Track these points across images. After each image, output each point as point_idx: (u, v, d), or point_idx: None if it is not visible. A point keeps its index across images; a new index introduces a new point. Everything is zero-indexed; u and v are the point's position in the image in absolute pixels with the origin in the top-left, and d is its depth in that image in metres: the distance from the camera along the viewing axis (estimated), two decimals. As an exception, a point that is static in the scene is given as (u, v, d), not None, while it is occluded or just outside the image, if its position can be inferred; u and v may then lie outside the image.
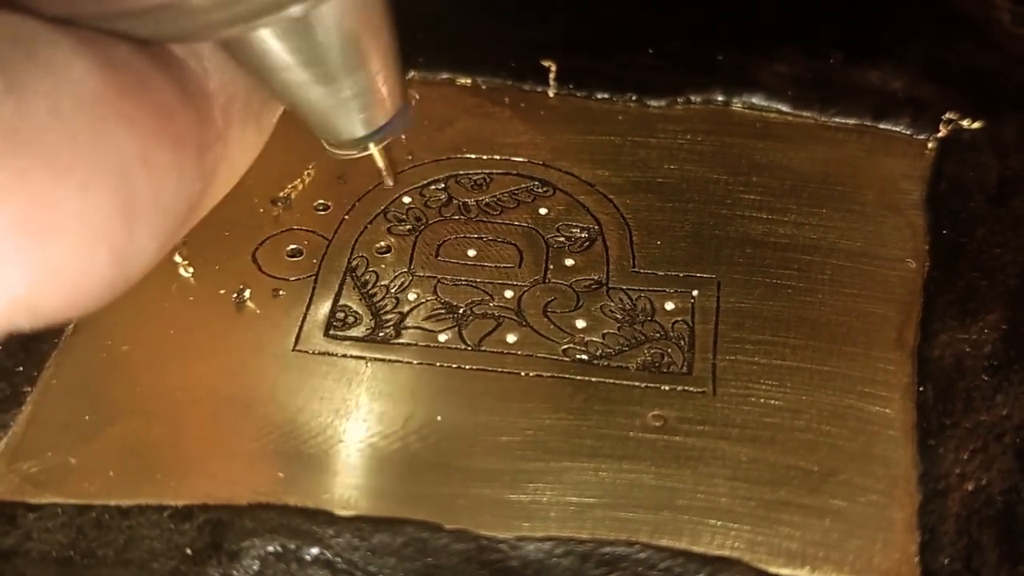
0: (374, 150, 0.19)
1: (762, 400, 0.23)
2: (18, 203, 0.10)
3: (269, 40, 0.13)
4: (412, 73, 0.29)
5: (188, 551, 0.21)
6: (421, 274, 0.25)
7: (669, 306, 0.24)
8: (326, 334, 0.24)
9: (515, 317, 0.24)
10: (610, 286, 0.25)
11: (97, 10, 0.11)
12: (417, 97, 0.25)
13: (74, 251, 0.11)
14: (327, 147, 0.17)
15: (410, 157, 0.28)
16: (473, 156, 0.28)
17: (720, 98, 0.28)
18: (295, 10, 0.12)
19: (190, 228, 0.14)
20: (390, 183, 0.23)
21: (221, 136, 0.13)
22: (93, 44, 0.11)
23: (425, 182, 0.27)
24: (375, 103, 0.16)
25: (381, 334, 0.24)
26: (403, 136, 0.27)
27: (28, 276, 0.11)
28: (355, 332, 0.24)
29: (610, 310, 0.24)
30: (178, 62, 0.13)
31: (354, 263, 0.25)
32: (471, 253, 0.25)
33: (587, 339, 0.24)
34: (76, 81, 0.11)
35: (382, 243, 0.26)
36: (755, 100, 0.28)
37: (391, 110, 0.16)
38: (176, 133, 0.12)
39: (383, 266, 0.25)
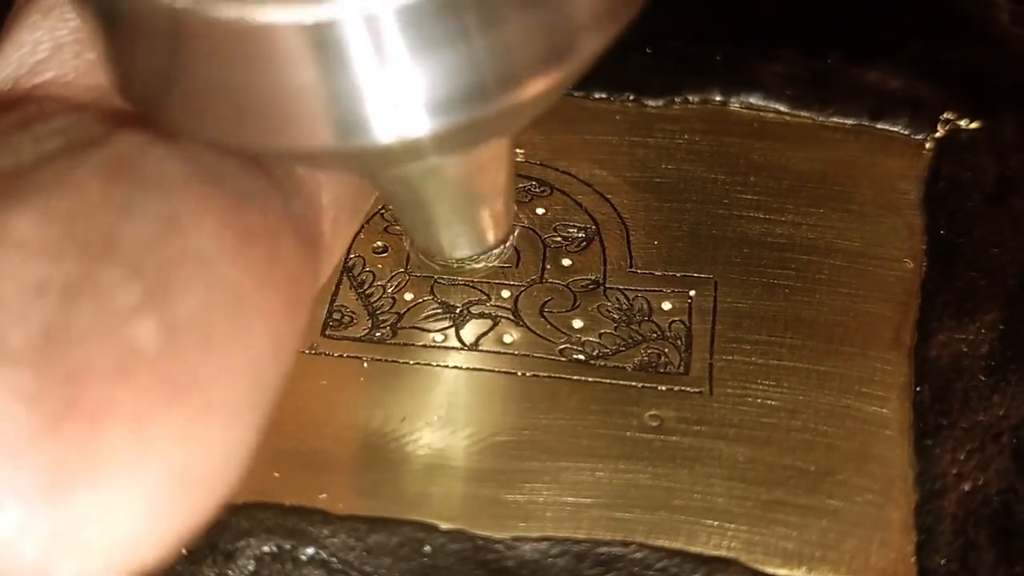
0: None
1: (759, 400, 0.23)
2: (175, 461, 0.10)
3: (402, 177, 0.13)
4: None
5: (183, 550, 0.21)
6: (418, 274, 0.25)
7: (666, 306, 0.24)
8: (322, 334, 0.24)
9: (512, 317, 0.24)
10: (607, 286, 0.25)
11: (262, 148, 0.10)
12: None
13: (219, 482, 0.11)
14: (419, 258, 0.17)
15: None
16: (470, 156, 0.28)
17: (718, 98, 0.28)
18: (432, 160, 0.12)
19: None
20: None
21: (329, 252, 0.13)
22: (233, 205, 0.11)
23: (422, 182, 0.27)
24: (484, 232, 0.16)
25: (378, 334, 0.24)
26: None
27: (181, 521, 0.10)
28: (352, 332, 0.24)
29: (607, 310, 0.24)
30: (300, 182, 0.12)
31: (350, 263, 0.25)
32: (468, 253, 0.25)
33: (584, 339, 0.24)
34: (223, 282, 0.10)
35: (379, 243, 0.26)
36: (753, 100, 0.28)
37: (497, 239, 0.17)
38: (300, 302, 0.11)
39: (380, 266, 0.25)
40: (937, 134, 0.27)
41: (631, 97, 0.29)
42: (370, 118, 0.10)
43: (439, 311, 0.24)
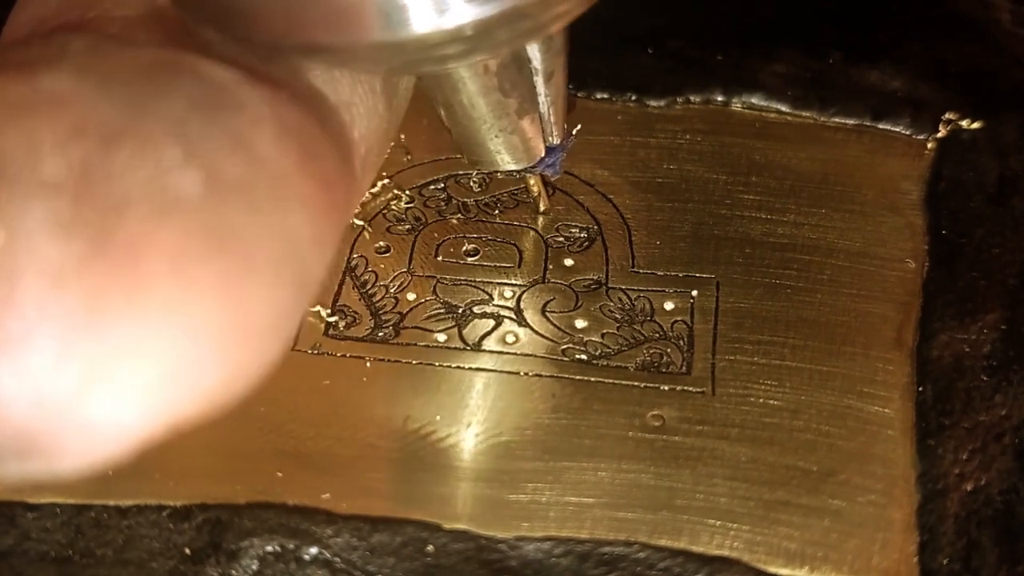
0: (530, 179, 0.21)
1: (761, 400, 0.23)
2: (217, 309, 0.10)
3: (455, 76, 0.13)
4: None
5: (187, 551, 0.21)
6: (420, 274, 0.25)
7: (668, 306, 0.24)
8: (325, 334, 0.24)
9: (514, 317, 0.24)
10: (609, 286, 0.25)
11: (309, 45, 0.11)
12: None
13: (261, 345, 0.11)
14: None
15: (409, 157, 0.28)
16: (472, 156, 0.28)
17: (719, 98, 0.28)
18: (482, 57, 0.12)
19: None
20: (542, 208, 0.25)
21: (358, 188, 0.13)
22: (271, 101, 0.11)
23: (424, 182, 0.27)
24: (535, 138, 0.16)
25: (380, 334, 0.24)
26: (402, 136, 0.27)
27: (222, 376, 0.10)
28: (354, 332, 0.24)
29: (609, 310, 0.24)
30: (332, 112, 0.12)
31: (353, 263, 0.25)
32: (470, 253, 0.25)
33: (586, 339, 0.24)
34: (264, 161, 0.10)
35: (381, 243, 0.26)
36: (754, 100, 0.28)
37: (549, 145, 0.17)
38: (335, 202, 0.12)
39: (382, 266, 0.25)
40: (939, 134, 0.27)
41: (633, 97, 0.29)
42: (412, 8, 0.10)
43: (442, 311, 0.24)
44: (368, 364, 0.23)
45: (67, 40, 0.11)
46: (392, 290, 0.25)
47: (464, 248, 0.25)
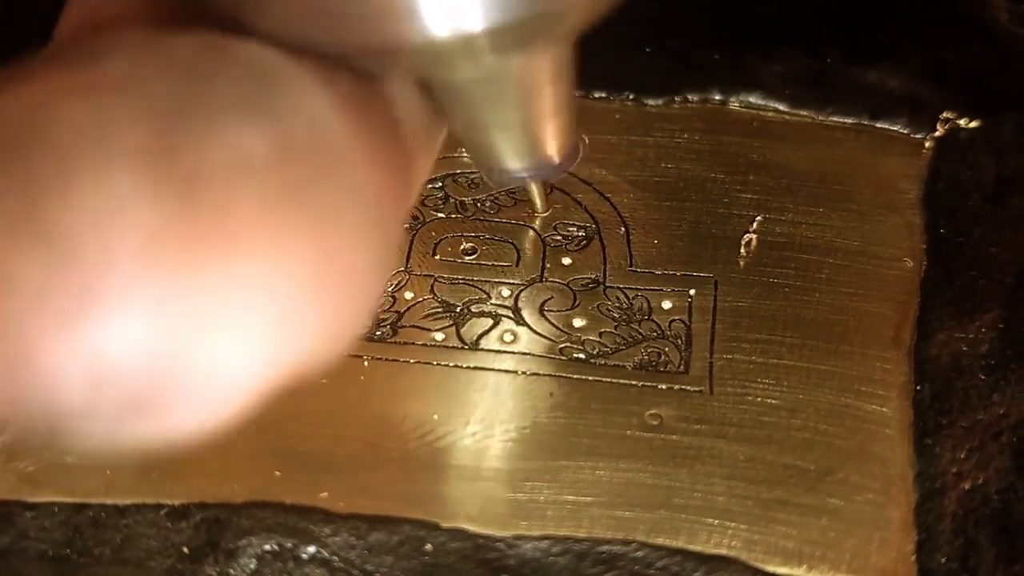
0: (532, 185, 0.22)
1: (759, 399, 0.23)
2: (305, 260, 0.10)
3: (460, 81, 0.13)
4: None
5: (185, 549, 0.21)
6: (418, 272, 0.25)
7: (666, 305, 0.24)
8: (323, 333, 0.24)
9: (512, 316, 0.24)
10: (607, 285, 0.25)
11: (335, 43, 0.11)
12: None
13: (351, 299, 0.11)
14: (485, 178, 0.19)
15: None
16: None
17: (717, 97, 0.28)
18: (489, 60, 0.12)
19: None
20: (540, 210, 0.26)
21: (414, 166, 0.13)
22: (322, 74, 0.11)
23: (422, 181, 0.27)
24: (542, 143, 0.16)
25: (378, 333, 0.24)
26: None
27: (320, 326, 0.10)
28: (352, 331, 0.24)
29: (607, 309, 0.24)
30: (377, 88, 0.13)
31: (351, 262, 0.25)
32: (468, 251, 0.25)
33: (584, 338, 0.24)
34: (324, 124, 0.11)
35: (379, 242, 0.26)
36: (752, 99, 0.28)
37: (556, 152, 0.17)
38: (394, 166, 0.12)
39: (380, 265, 0.25)
40: (936, 133, 0.27)
41: (631, 96, 0.29)
42: (429, 14, 0.10)
43: (439, 310, 0.24)
44: (366, 363, 0.23)
45: (119, 36, 0.11)
46: (390, 289, 0.25)
47: (462, 247, 0.25)
